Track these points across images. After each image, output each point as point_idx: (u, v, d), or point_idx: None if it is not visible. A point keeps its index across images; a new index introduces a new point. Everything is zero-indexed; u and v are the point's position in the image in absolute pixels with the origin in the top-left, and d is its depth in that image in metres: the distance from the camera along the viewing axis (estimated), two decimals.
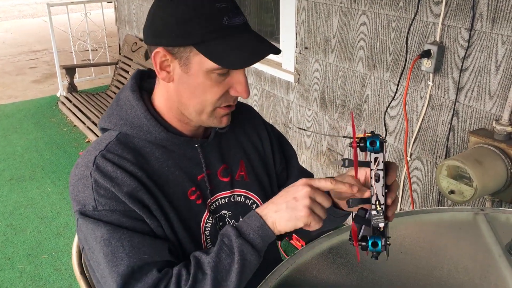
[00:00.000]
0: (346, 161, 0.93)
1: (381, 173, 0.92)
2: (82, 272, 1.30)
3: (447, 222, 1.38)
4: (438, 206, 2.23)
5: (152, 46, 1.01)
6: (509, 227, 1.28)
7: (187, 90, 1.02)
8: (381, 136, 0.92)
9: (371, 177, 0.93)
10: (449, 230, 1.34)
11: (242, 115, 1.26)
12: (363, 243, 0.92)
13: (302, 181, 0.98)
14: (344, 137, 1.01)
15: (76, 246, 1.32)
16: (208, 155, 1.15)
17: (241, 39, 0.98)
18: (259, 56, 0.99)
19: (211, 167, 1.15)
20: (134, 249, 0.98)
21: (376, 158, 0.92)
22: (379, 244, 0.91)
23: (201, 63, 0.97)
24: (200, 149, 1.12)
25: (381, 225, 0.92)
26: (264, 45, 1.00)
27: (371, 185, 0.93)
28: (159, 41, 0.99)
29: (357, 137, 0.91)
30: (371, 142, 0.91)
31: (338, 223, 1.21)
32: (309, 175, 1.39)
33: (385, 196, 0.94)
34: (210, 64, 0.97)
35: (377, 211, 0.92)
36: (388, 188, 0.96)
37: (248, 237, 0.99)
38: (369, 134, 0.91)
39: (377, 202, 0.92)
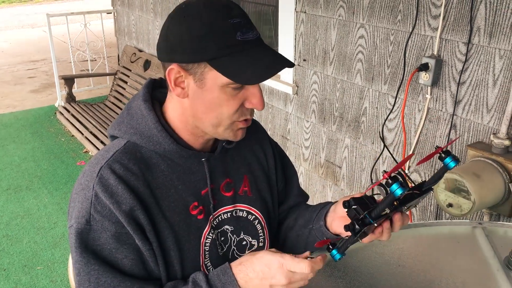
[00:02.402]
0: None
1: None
2: None
3: (445, 235, 1.38)
4: (436, 220, 2.22)
5: (166, 63, 1.01)
6: (507, 241, 1.27)
7: (203, 105, 1.02)
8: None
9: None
10: (447, 243, 1.33)
11: (249, 130, 1.26)
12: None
13: (278, 268, 0.97)
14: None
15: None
16: (213, 169, 1.15)
17: (255, 54, 0.98)
18: (274, 71, 0.99)
19: (215, 182, 1.15)
20: (98, 287, 1.00)
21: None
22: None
23: (215, 78, 0.97)
24: (206, 163, 1.12)
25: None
26: (278, 59, 1.01)
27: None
28: (173, 57, 0.99)
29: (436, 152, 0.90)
30: (454, 157, 0.89)
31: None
32: (306, 196, 1.40)
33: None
34: (224, 79, 0.97)
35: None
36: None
37: None
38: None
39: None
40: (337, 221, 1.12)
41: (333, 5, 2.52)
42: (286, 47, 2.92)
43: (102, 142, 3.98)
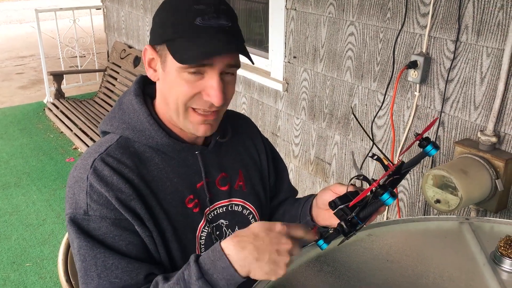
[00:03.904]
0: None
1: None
2: (68, 280, 1.29)
3: (433, 231, 1.39)
4: (424, 215, 2.24)
5: None
6: (493, 236, 1.29)
7: (166, 88, 1.04)
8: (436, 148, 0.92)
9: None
10: (434, 239, 1.35)
11: (241, 126, 1.27)
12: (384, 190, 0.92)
13: (284, 230, 0.90)
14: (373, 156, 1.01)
15: (62, 254, 1.31)
16: (208, 163, 1.15)
17: (207, 39, 0.97)
18: (212, 55, 0.97)
19: (210, 176, 1.15)
20: (106, 270, 0.98)
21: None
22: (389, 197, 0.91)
23: (173, 60, 0.99)
24: (200, 156, 1.13)
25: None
26: (227, 46, 0.98)
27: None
28: (150, 40, 1.06)
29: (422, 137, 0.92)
30: (434, 144, 0.91)
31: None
32: (295, 191, 1.42)
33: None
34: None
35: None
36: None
37: (211, 277, 0.90)
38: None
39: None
40: (322, 215, 1.15)
41: (323, 2, 2.53)
42: (276, 44, 2.92)
43: (91, 138, 3.96)
